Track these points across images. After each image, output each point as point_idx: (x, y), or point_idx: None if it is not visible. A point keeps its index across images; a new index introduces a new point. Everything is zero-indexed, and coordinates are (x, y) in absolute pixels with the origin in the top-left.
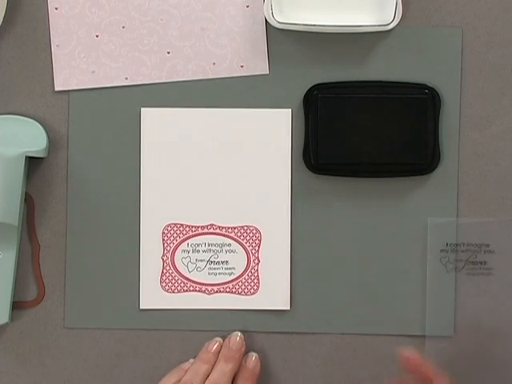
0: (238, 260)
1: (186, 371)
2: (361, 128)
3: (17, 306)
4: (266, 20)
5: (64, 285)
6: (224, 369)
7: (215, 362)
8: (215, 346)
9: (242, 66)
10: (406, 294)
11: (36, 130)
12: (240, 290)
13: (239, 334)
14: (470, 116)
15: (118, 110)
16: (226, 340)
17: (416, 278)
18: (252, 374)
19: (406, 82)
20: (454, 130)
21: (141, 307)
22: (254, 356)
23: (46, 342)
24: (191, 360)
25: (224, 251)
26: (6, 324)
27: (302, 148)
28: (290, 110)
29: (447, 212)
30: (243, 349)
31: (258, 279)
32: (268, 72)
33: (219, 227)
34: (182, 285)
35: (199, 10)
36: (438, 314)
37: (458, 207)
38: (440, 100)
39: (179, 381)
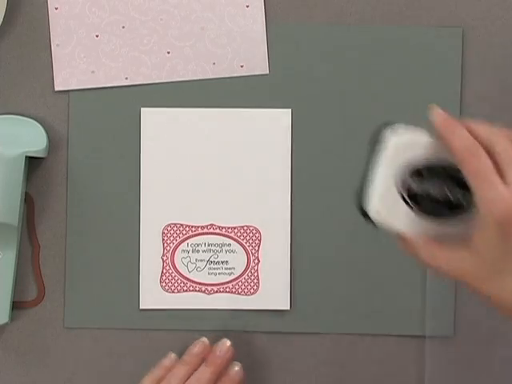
0: (237, 260)
1: (167, 372)
2: None
3: (17, 306)
4: (265, 20)
5: (64, 285)
6: (203, 373)
7: (197, 365)
8: (198, 347)
9: (241, 66)
10: (405, 294)
11: (36, 130)
12: (240, 290)
13: (228, 342)
14: (470, 116)
15: (118, 110)
16: (214, 346)
17: (416, 278)
18: (231, 382)
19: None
20: None
21: (141, 307)
22: (237, 366)
23: (45, 342)
24: (172, 355)
25: (224, 251)
26: (6, 324)
27: (302, 148)
28: (290, 110)
29: None
30: (228, 355)
31: (258, 279)
32: (268, 72)
33: (219, 227)
34: (182, 285)
35: (199, 10)
36: (438, 314)
37: None
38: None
39: (158, 380)
